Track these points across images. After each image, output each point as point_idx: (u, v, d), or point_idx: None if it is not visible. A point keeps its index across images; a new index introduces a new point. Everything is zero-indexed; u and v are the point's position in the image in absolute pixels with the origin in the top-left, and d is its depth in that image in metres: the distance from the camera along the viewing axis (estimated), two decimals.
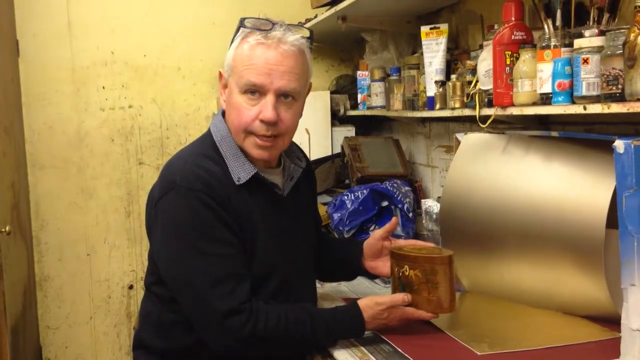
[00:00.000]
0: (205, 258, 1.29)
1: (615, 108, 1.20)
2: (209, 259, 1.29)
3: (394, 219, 1.63)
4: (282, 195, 1.45)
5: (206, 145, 1.40)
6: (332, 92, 3.10)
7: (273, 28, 1.32)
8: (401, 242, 1.56)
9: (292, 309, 1.33)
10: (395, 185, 2.29)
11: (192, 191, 1.30)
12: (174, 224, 1.32)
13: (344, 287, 1.79)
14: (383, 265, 1.55)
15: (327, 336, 1.35)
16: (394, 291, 1.41)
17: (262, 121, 1.34)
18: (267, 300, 1.33)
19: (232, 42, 1.38)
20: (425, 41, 2.03)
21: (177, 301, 1.35)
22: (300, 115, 1.43)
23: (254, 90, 1.33)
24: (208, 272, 1.28)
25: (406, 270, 1.38)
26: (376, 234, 1.58)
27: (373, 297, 1.39)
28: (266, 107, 1.33)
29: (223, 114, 1.44)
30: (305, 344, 1.34)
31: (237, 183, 1.35)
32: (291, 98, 1.36)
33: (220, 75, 1.41)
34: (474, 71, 1.76)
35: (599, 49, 1.27)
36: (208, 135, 1.43)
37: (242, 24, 1.35)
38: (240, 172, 1.37)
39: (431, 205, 2.19)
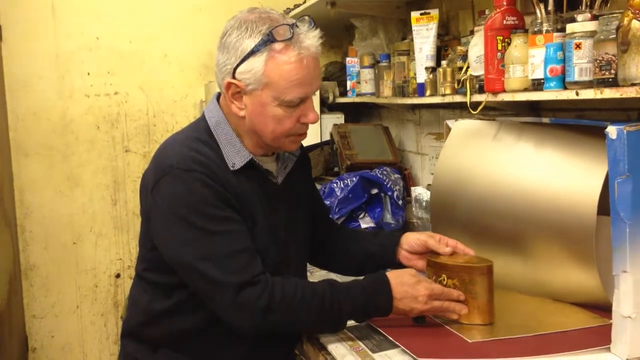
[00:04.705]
0: (212, 237, 1.26)
1: (608, 93, 1.19)
2: (216, 237, 1.26)
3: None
4: (276, 183, 1.42)
5: (200, 130, 1.38)
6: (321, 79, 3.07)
7: (294, 31, 1.28)
8: (443, 248, 1.44)
9: (311, 281, 1.31)
10: (384, 172, 2.28)
11: (190, 172, 1.27)
12: (175, 208, 1.28)
13: (334, 275, 1.77)
14: (418, 258, 1.50)
15: (351, 304, 1.29)
16: None
17: (304, 123, 1.35)
18: (286, 275, 1.30)
19: (251, 52, 1.27)
20: (415, 27, 2.01)
21: (177, 287, 1.33)
22: None
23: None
24: (217, 250, 1.26)
25: (444, 280, 1.35)
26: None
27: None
28: (310, 111, 1.34)
29: (217, 99, 1.41)
30: (328, 314, 1.28)
31: (231, 169, 1.33)
32: None
33: (230, 84, 1.31)
34: (464, 57, 1.74)
35: (591, 34, 1.25)
36: (202, 120, 1.40)
37: (270, 38, 1.27)
38: (235, 158, 1.34)
39: (421, 192, 2.18)
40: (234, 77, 1.30)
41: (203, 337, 1.34)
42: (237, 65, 1.29)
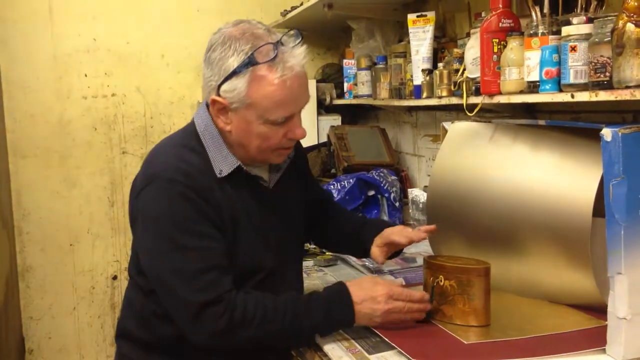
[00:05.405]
0: (184, 252, 1.27)
1: (603, 96, 1.20)
2: (188, 252, 1.27)
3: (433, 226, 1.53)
4: (268, 188, 1.42)
5: (189, 137, 1.38)
6: (318, 81, 3.08)
7: (278, 51, 1.26)
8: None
9: (274, 296, 1.30)
10: (381, 174, 2.29)
11: (172, 183, 1.28)
12: (154, 217, 1.30)
13: (331, 277, 1.78)
14: (379, 251, 1.52)
15: (312, 317, 1.29)
16: None
17: (291, 139, 1.34)
18: (248, 290, 1.31)
19: (233, 72, 1.26)
20: (412, 29, 2.02)
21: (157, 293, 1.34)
22: None
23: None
24: (186, 265, 1.26)
25: (441, 280, 1.36)
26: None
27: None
28: (297, 127, 1.33)
29: (207, 105, 1.41)
30: (290, 330, 1.29)
31: (218, 176, 1.33)
32: None
33: (215, 101, 1.31)
34: (461, 59, 1.75)
35: (586, 37, 1.26)
36: (191, 125, 1.40)
37: (251, 60, 1.25)
38: (223, 165, 1.34)
39: (418, 194, 2.19)
40: (218, 94, 1.30)
41: None
42: (221, 83, 1.28)
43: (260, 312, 1.26)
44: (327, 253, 1.99)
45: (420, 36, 2.01)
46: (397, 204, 2.25)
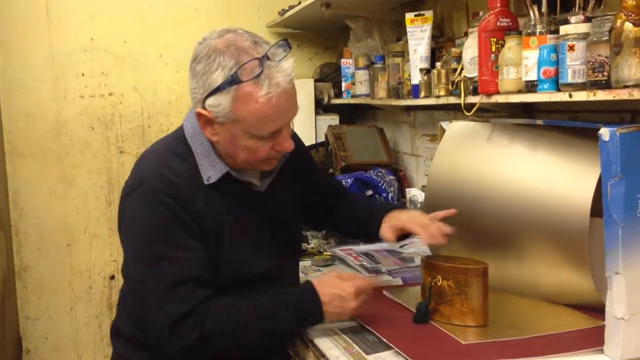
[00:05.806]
0: (161, 261, 1.26)
1: (601, 95, 1.19)
2: (165, 262, 1.26)
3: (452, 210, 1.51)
4: (259, 192, 1.41)
5: (178, 141, 1.36)
6: (315, 81, 3.08)
7: (263, 66, 1.22)
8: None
9: (245, 302, 1.29)
10: (379, 174, 2.28)
11: (155, 192, 1.27)
12: (135, 225, 1.30)
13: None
14: (387, 229, 1.52)
15: (281, 322, 1.29)
16: (423, 299, 1.39)
17: (279, 151, 1.33)
18: (219, 297, 1.29)
19: (217, 88, 1.23)
20: (409, 28, 2.02)
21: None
22: None
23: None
24: (161, 276, 1.25)
25: (439, 281, 1.36)
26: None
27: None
28: (285, 140, 1.31)
29: None
30: (261, 336, 1.29)
31: (206, 182, 1.32)
32: None
33: (200, 114, 1.29)
34: (459, 59, 1.75)
35: (584, 36, 1.26)
36: (181, 130, 1.39)
37: (235, 78, 1.22)
38: (211, 172, 1.33)
39: (416, 194, 2.18)
40: (204, 107, 1.28)
41: None
42: (206, 97, 1.26)
43: (231, 322, 1.26)
44: (325, 253, 1.99)
45: (418, 35, 2.00)
46: (395, 204, 2.24)
